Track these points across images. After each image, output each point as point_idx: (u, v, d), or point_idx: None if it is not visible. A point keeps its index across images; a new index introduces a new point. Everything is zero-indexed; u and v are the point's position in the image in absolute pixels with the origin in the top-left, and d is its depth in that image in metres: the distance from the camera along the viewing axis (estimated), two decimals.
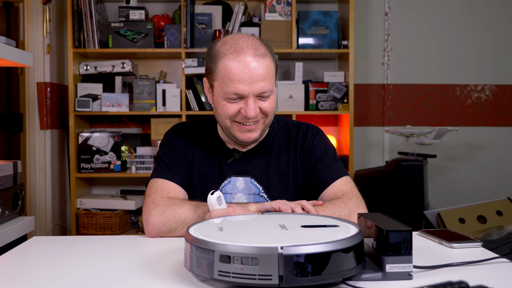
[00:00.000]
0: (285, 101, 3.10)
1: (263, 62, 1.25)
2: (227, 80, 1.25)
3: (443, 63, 3.48)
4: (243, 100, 1.27)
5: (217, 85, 1.29)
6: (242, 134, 1.31)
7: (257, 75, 1.24)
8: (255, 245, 0.81)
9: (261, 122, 1.32)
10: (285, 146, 1.43)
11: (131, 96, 3.21)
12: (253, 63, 1.24)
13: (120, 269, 1.00)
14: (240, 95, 1.25)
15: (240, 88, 1.24)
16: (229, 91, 1.25)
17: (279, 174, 1.39)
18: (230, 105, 1.27)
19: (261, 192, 1.38)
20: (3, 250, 1.25)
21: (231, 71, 1.24)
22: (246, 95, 1.25)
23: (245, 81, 1.24)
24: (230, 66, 1.24)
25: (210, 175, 1.39)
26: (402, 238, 0.88)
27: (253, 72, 1.23)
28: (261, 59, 1.25)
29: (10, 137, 4.19)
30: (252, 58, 1.24)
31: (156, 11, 3.35)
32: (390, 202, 2.80)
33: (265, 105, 1.29)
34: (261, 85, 1.25)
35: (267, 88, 1.26)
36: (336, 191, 1.35)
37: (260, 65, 1.25)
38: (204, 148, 1.42)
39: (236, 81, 1.24)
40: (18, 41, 3.23)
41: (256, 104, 1.27)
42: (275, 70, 1.31)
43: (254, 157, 1.41)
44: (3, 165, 1.64)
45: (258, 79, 1.24)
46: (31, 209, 3.09)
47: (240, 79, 1.23)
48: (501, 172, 3.50)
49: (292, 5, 3.09)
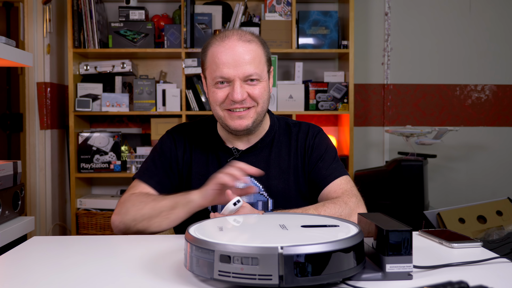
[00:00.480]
0: (285, 101, 3.10)
1: (248, 46, 1.29)
2: (213, 66, 1.29)
3: (443, 63, 3.48)
4: (230, 85, 1.29)
5: (207, 73, 1.33)
6: (233, 121, 1.32)
7: (242, 58, 1.27)
8: (255, 245, 0.81)
9: (253, 111, 1.33)
10: (285, 144, 1.43)
11: (131, 96, 3.21)
12: (238, 46, 1.28)
13: (120, 269, 1.00)
14: (226, 78, 1.28)
15: (225, 72, 1.27)
16: (216, 75, 1.29)
17: (279, 172, 1.40)
18: (218, 91, 1.30)
19: (261, 190, 1.38)
20: (3, 250, 1.25)
21: (217, 56, 1.28)
22: (232, 79, 1.28)
23: (229, 64, 1.27)
24: (216, 51, 1.29)
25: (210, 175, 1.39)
26: (402, 238, 0.88)
27: (237, 55, 1.27)
28: (246, 43, 1.29)
29: (10, 137, 4.19)
30: (237, 42, 1.28)
31: (156, 11, 3.35)
32: (390, 202, 2.80)
33: (253, 90, 1.30)
34: (246, 68, 1.27)
35: (253, 71, 1.28)
36: (336, 189, 1.36)
37: (245, 48, 1.28)
38: (203, 148, 1.43)
39: (221, 65, 1.27)
40: (18, 41, 3.23)
41: (243, 88, 1.29)
42: (265, 58, 1.33)
43: (253, 155, 1.41)
44: (3, 165, 1.64)
45: (243, 62, 1.27)
46: (31, 209, 3.09)
47: (225, 63, 1.27)
48: (501, 172, 3.50)
49: (292, 5, 3.09)
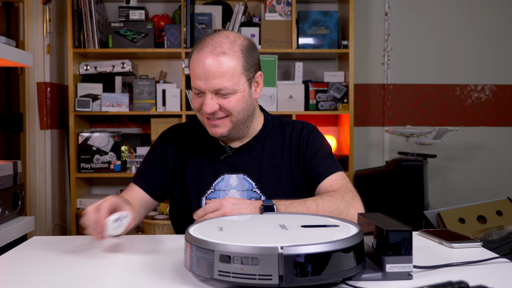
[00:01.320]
0: (285, 101, 3.10)
1: (219, 59, 1.27)
2: (191, 75, 1.33)
3: (443, 63, 3.48)
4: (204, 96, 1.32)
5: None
6: (210, 128, 1.36)
7: (211, 72, 1.27)
8: (255, 245, 0.81)
9: (227, 120, 1.33)
10: (279, 142, 1.44)
11: (131, 96, 3.21)
12: (208, 60, 1.27)
13: (120, 269, 1.00)
14: (199, 90, 1.31)
15: (197, 84, 1.30)
16: (192, 85, 1.32)
17: (272, 170, 1.40)
18: (196, 99, 1.34)
19: (254, 188, 1.39)
20: (3, 250, 1.25)
21: (192, 67, 1.31)
22: (203, 90, 1.30)
23: (200, 77, 1.28)
24: (192, 62, 1.31)
25: (203, 174, 1.41)
26: (402, 238, 0.88)
27: (207, 69, 1.27)
28: (218, 56, 1.27)
29: (10, 137, 4.19)
30: (208, 54, 1.28)
31: (156, 11, 3.35)
32: (390, 202, 2.80)
33: (225, 103, 1.30)
34: (216, 82, 1.27)
35: (223, 85, 1.28)
36: (332, 184, 1.36)
37: (215, 62, 1.27)
38: (197, 147, 1.45)
39: (194, 77, 1.30)
40: (18, 41, 3.23)
41: (214, 100, 1.30)
42: (241, 69, 1.30)
43: (246, 153, 1.42)
44: (3, 165, 1.64)
45: (212, 76, 1.27)
46: (31, 209, 3.09)
47: (197, 75, 1.29)
48: (501, 172, 3.50)
49: (292, 5, 3.09)
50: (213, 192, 1.39)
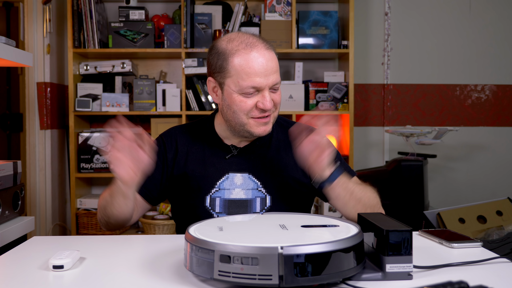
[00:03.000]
0: (285, 101, 3.10)
1: (272, 55, 1.33)
2: (243, 75, 1.28)
3: (443, 63, 3.48)
4: (258, 93, 1.31)
5: (230, 82, 1.31)
6: (259, 128, 1.34)
7: (271, 67, 1.30)
8: (255, 245, 0.81)
9: (272, 116, 1.36)
10: (284, 142, 1.44)
11: (131, 96, 3.21)
12: (266, 56, 1.30)
13: (120, 269, 1.00)
14: (257, 87, 1.29)
15: (257, 81, 1.28)
16: (246, 85, 1.28)
17: (278, 169, 1.40)
18: (247, 100, 1.30)
19: (259, 187, 1.38)
20: (3, 250, 1.25)
21: (248, 65, 1.28)
22: (263, 88, 1.29)
23: (261, 74, 1.28)
24: (245, 61, 1.28)
25: (208, 173, 1.40)
26: (402, 238, 0.88)
27: (268, 65, 1.29)
28: (271, 52, 1.33)
29: (10, 137, 4.19)
30: (265, 50, 1.30)
31: (156, 11, 3.35)
32: (390, 202, 2.80)
33: (276, 97, 1.34)
34: (274, 77, 1.31)
35: (279, 79, 1.33)
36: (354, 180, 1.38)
37: (272, 57, 1.32)
38: (199, 147, 1.43)
39: (253, 75, 1.27)
40: (18, 41, 3.23)
41: (270, 96, 1.32)
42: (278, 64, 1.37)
43: (251, 152, 1.41)
44: (3, 165, 1.64)
45: (272, 71, 1.30)
46: (31, 209, 3.09)
47: (258, 72, 1.28)
48: (501, 172, 3.50)
49: (292, 5, 3.09)
50: (218, 191, 1.38)
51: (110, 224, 1.35)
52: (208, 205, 1.37)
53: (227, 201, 1.37)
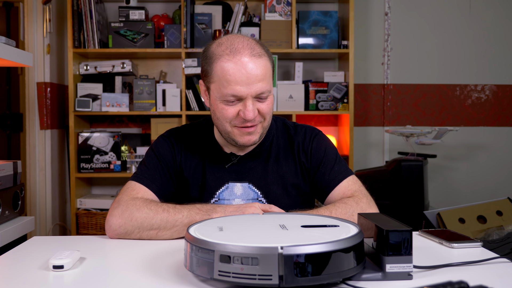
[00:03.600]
0: (285, 101, 3.10)
1: (259, 62, 1.23)
2: (224, 82, 1.22)
3: (443, 63, 3.48)
4: (241, 102, 1.24)
5: (213, 87, 1.26)
6: (242, 137, 1.28)
7: (255, 75, 1.21)
8: (255, 245, 0.81)
9: (260, 126, 1.29)
10: (284, 148, 1.40)
11: (131, 96, 3.21)
12: (250, 63, 1.21)
13: (120, 269, 1.00)
14: (238, 97, 1.22)
15: (237, 90, 1.21)
16: (226, 93, 1.22)
17: (278, 178, 1.37)
18: (228, 108, 1.24)
19: (259, 196, 1.35)
20: (3, 250, 1.25)
21: (228, 73, 1.21)
22: (244, 97, 1.22)
23: (242, 82, 1.20)
24: (226, 68, 1.21)
25: (207, 182, 1.36)
26: (402, 238, 0.88)
27: (250, 73, 1.20)
28: (258, 59, 1.23)
29: (10, 137, 4.19)
30: (249, 58, 1.21)
31: (156, 11, 3.35)
32: (390, 202, 2.80)
33: (263, 107, 1.26)
34: (259, 86, 1.22)
35: (265, 88, 1.24)
36: (345, 191, 1.32)
37: (257, 65, 1.22)
38: (200, 154, 1.39)
39: (233, 83, 1.21)
40: (18, 41, 3.23)
41: (254, 105, 1.24)
42: (272, 70, 1.28)
43: (251, 161, 1.38)
44: (3, 165, 1.64)
45: (255, 79, 1.21)
46: (31, 209, 3.09)
47: (238, 81, 1.20)
48: (501, 172, 3.50)
49: (292, 5, 3.09)
50: (217, 201, 1.35)
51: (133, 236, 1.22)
52: None
53: None
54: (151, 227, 1.20)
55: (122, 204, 1.24)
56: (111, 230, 1.22)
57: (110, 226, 1.22)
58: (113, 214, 1.23)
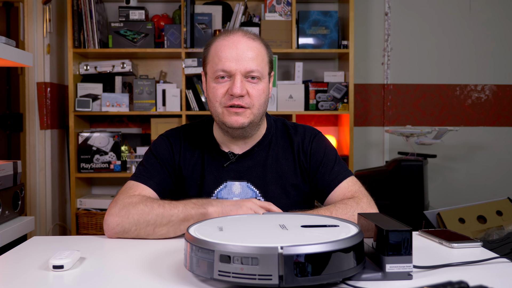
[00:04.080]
0: (285, 101, 3.10)
1: (251, 43, 1.30)
2: (216, 59, 1.29)
3: (443, 63, 3.48)
4: (231, 80, 1.29)
5: (208, 68, 1.33)
6: (230, 117, 1.30)
7: (245, 53, 1.28)
8: (255, 245, 0.81)
9: (249, 112, 1.30)
10: (283, 148, 1.40)
11: (131, 96, 3.21)
12: (242, 42, 1.29)
13: (120, 269, 1.00)
14: (227, 72, 1.28)
15: (227, 65, 1.27)
16: (217, 69, 1.28)
17: (276, 177, 1.37)
18: (218, 86, 1.30)
19: (258, 196, 1.36)
20: (3, 250, 1.25)
21: (220, 50, 1.29)
22: (233, 73, 1.28)
23: (232, 58, 1.27)
24: (219, 46, 1.30)
25: (206, 181, 1.37)
26: (402, 238, 0.88)
27: (240, 50, 1.27)
28: (250, 40, 1.30)
29: (10, 137, 4.19)
30: (241, 37, 1.29)
31: (156, 11, 3.35)
32: (390, 202, 2.80)
33: (252, 90, 1.29)
34: (248, 64, 1.28)
35: (255, 68, 1.28)
36: (345, 193, 1.33)
37: (249, 45, 1.29)
38: (199, 152, 1.40)
39: (224, 59, 1.27)
40: (18, 41, 3.23)
41: (243, 84, 1.28)
42: (267, 58, 1.34)
43: (250, 159, 1.38)
44: (3, 165, 1.64)
45: (245, 57, 1.28)
46: (31, 209, 3.09)
47: (228, 56, 1.27)
48: (501, 172, 3.50)
49: (292, 5, 3.09)
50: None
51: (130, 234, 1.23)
52: None
53: None
54: (148, 223, 1.21)
55: (119, 203, 1.25)
56: (109, 229, 1.23)
57: (108, 225, 1.23)
58: (110, 213, 1.24)
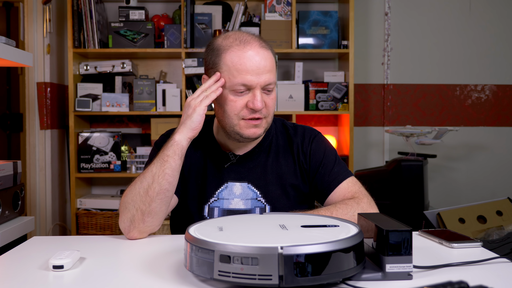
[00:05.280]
0: (285, 101, 3.10)
1: (267, 54, 1.28)
2: (234, 72, 1.25)
3: (443, 63, 3.48)
4: (249, 93, 1.26)
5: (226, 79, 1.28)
6: (248, 130, 1.29)
7: (264, 65, 1.25)
8: (255, 245, 0.81)
9: (264, 121, 1.31)
10: (283, 148, 1.40)
11: (131, 96, 3.21)
12: (260, 54, 1.25)
13: (120, 269, 1.00)
14: (248, 86, 1.25)
15: (248, 79, 1.24)
16: (236, 82, 1.24)
17: (277, 178, 1.37)
18: (237, 99, 1.26)
19: (258, 196, 1.35)
20: (3, 250, 1.25)
21: (239, 62, 1.24)
22: (254, 86, 1.25)
23: (253, 72, 1.24)
24: (237, 57, 1.25)
25: (207, 182, 1.37)
26: (402, 238, 0.88)
27: (260, 63, 1.24)
28: (266, 51, 1.28)
29: (10, 137, 4.19)
30: (259, 49, 1.26)
31: (156, 11, 3.35)
32: (390, 202, 2.80)
33: (269, 101, 1.29)
34: (267, 77, 1.26)
35: (272, 80, 1.28)
36: (345, 193, 1.33)
37: (266, 56, 1.26)
38: (200, 153, 1.40)
39: (244, 72, 1.24)
40: (18, 41, 3.23)
41: (262, 97, 1.27)
42: (275, 65, 1.33)
43: (250, 160, 1.38)
44: (3, 165, 1.64)
45: (264, 70, 1.25)
46: (31, 209, 3.09)
47: (249, 70, 1.24)
48: (501, 172, 3.50)
49: (292, 5, 3.09)
50: (216, 201, 1.36)
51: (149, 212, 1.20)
52: (206, 214, 1.35)
53: (225, 211, 1.35)
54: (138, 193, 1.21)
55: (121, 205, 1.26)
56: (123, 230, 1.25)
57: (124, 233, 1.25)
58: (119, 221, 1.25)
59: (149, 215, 1.21)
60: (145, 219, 1.21)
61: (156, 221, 1.23)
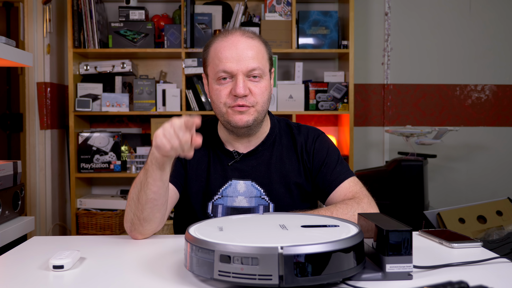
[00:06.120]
0: (285, 101, 3.10)
1: (250, 42, 1.30)
2: (216, 61, 1.29)
3: (443, 63, 3.48)
4: (233, 80, 1.29)
5: (209, 70, 1.33)
6: (235, 116, 1.30)
7: (245, 53, 1.28)
8: (255, 245, 0.81)
9: (253, 109, 1.31)
10: (287, 148, 1.41)
11: (131, 96, 3.21)
12: (241, 42, 1.29)
13: (120, 269, 1.00)
14: (229, 72, 1.28)
15: (228, 66, 1.27)
16: (218, 70, 1.28)
17: (280, 176, 1.38)
18: (221, 88, 1.30)
19: (262, 194, 1.36)
20: (3, 250, 1.25)
21: (220, 51, 1.29)
22: (235, 73, 1.27)
23: (233, 59, 1.27)
24: (219, 47, 1.29)
25: (211, 179, 1.38)
26: (402, 238, 0.88)
27: (240, 50, 1.27)
28: (249, 39, 1.31)
29: (10, 137, 4.19)
30: (240, 37, 1.29)
31: (156, 11, 3.35)
32: (390, 202, 2.80)
33: (255, 88, 1.29)
34: (249, 63, 1.27)
35: (256, 66, 1.28)
36: (346, 193, 1.33)
37: (248, 44, 1.29)
38: (204, 152, 1.41)
39: (224, 59, 1.27)
40: (18, 41, 3.23)
41: (245, 83, 1.28)
42: (267, 55, 1.34)
43: (254, 158, 1.39)
44: (3, 165, 1.64)
45: (246, 57, 1.28)
46: (31, 209, 3.09)
47: (228, 57, 1.27)
48: (501, 172, 3.50)
49: (292, 5, 3.09)
50: (220, 198, 1.36)
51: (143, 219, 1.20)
52: (210, 211, 1.36)
53: (229, 209, 1.36)
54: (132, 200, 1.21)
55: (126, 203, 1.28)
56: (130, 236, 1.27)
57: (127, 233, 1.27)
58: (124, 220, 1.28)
59: (145, 221, 1.22)
60: (143, 224, 1.22)
61: (154, 225, 1.24)
